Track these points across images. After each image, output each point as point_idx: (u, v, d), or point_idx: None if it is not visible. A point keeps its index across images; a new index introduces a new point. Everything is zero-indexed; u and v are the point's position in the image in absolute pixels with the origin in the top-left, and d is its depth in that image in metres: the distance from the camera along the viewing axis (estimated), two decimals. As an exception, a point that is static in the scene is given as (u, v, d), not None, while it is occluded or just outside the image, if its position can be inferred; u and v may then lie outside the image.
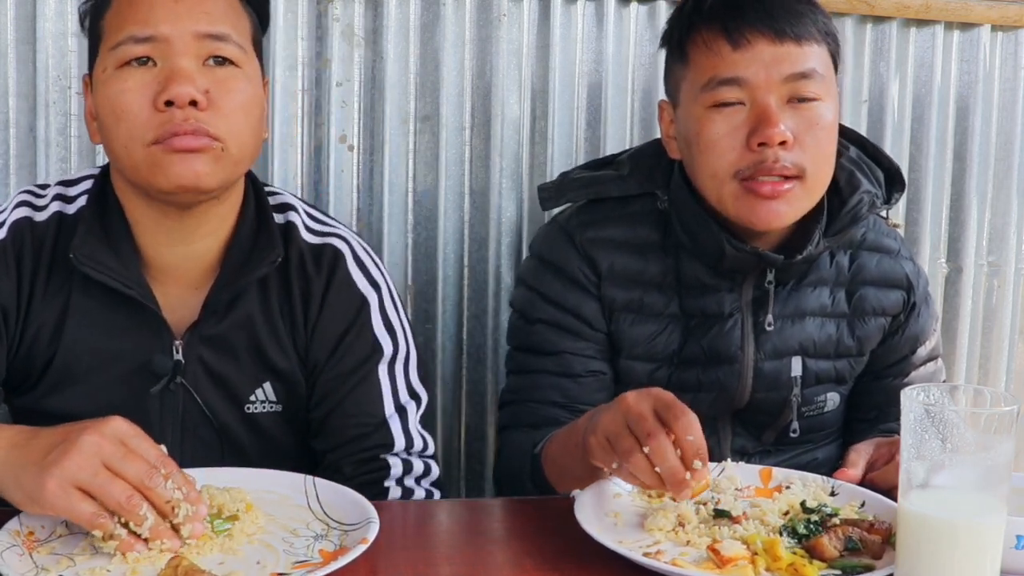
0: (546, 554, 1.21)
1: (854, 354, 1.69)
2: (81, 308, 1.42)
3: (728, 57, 1.49)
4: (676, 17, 1.61)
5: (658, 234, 1.63)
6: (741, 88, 1.49)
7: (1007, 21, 2.31)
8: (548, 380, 1.62)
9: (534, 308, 1.66)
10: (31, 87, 1.92)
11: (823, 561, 1.15)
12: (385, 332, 1.51)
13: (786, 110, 1.49)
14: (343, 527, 1.22)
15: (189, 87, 1.30)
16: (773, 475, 1.40)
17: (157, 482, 1.10)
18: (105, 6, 1.37)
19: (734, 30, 1.48)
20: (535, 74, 2.12)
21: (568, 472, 1.41)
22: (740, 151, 1.49)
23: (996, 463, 1.01)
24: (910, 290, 1.71)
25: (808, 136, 1.50)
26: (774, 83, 1.48)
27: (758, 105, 1.48)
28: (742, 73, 1.48)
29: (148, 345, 1.42)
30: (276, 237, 1.45)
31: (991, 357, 2.44)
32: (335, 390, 1.48)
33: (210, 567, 1.10)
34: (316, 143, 2.05)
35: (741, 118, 1.50)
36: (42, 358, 1.44)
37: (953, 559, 1.01)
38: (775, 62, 1.48)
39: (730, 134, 1.50)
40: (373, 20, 2.04)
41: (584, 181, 1.71)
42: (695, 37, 1.53)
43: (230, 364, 1.45)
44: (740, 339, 1.62)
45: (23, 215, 1.44)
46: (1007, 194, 2.40)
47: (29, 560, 1.12)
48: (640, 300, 1.62)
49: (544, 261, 1.67)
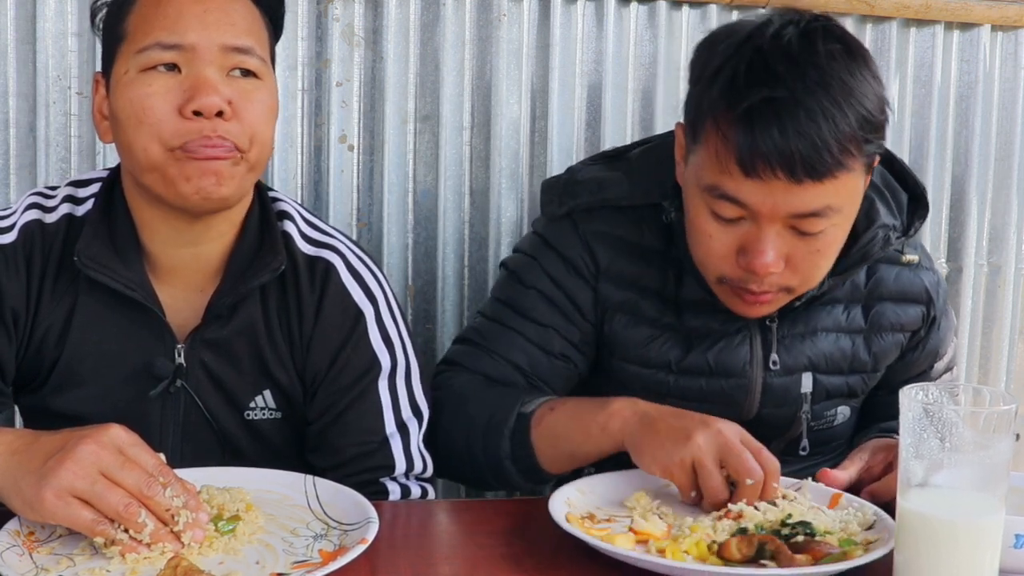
0: (546, 554, 1.21)
1: (868, 370, 1.63)
2: (86, 310, 1.42)
3: (737, 179, 1.35)
4: (696, 82, 1.43)
5: (662, 243, 1.57)
6: (744, 208, 1.37)
7: (1007, 21, 2.31)
8: (522, 344, 1.57)
9: (531, 274, 1.61)
10: (31, 87, 1.92)
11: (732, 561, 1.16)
12: (383, 345, 1.48)
13: (787, 235, 1.38)
14: (343, 527, 1.22)
15: (216, 98, 1.31)
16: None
17: (156, 490, 1.11)
18: (128, 7, 1.37)
19: (747, 159, 1.33)
20: (535, 74, 2.12)
21: (569, 444, 1.40)
22: (729, 261, 1.41)
23: (995, 462, 1.01)
24: (930, 304, 1.64)
25: (804, 261, 1.40)
26: (780, 215, 1.36)
27: (757, 230, 1.38)
28: (748, 199, 1.35)
29: (151, 348, 1.42)
30: (279, 244, 1.44)
31: (991, 357, 2.44)
32: (333, 405, 1.46)
33: (210, 567, 1.10)
34: (316, 143, 2.05)
35: (737, 230, 1.40)
36: (49, 359, 1.44)
37: (952, 558, 1.01)
38: (786, 199, 1.34)
39: (722, 240, 1.41)
40: (373, 20, 2.04)
41: (590, 186, 1.62)
42: (709, 133, 1.38)
43: (231, 369, 1.44)
44: (748, 354, 1.57)
45: (33, 217, 1.45)
46: (1007, 194, 2.40)
47: (29, 560, 1.12)
48: (635, 303, 1.57)
49: (547, 242, 1.62)
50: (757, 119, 1.31)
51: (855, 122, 1.33)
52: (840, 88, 1.32)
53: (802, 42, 1.34)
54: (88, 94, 1.93)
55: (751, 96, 1.32)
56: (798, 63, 1.33)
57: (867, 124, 1.35)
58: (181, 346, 1.42)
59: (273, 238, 1.45)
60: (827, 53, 1.34)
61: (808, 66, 1.33)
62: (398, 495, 1.45)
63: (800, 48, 1.34)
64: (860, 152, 1.35)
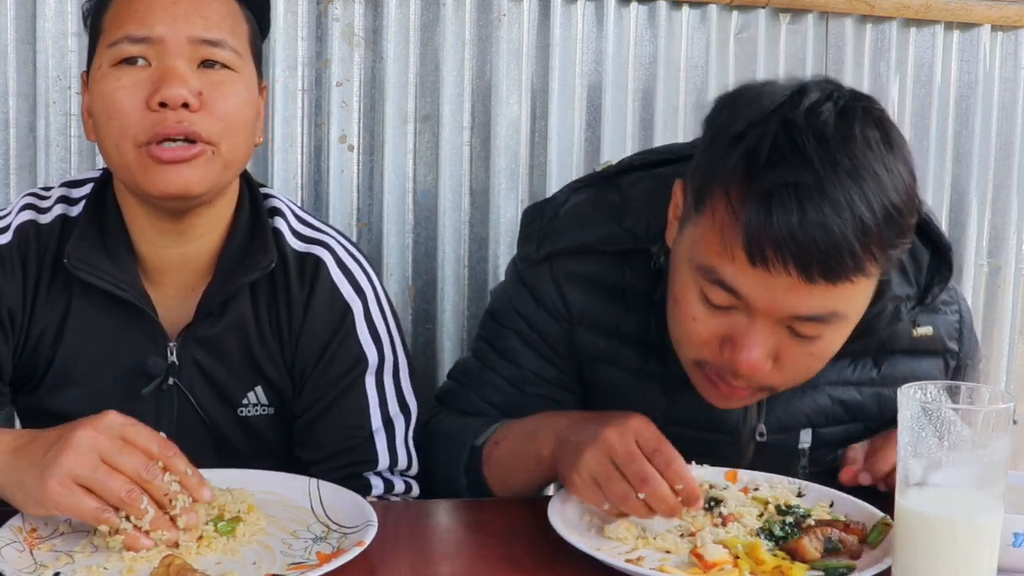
0: (545, 553, 1.21)
1: (873, 418, 1.48)
2: (80, 310, 1.43)
3: (740, 266, 1.18)
4: (710, 144, 1.25)
5: (647, 285, 1.42)
6: (740, 300, 1.21)
7: (1007, 21, 2.31)
8: (498, 382, 1.51)
9: (505, 315, 1.53)
10: (31, 87, 1.92)
11: (804, 562, 1.15)
12: (371, 341, 1.48)
13: (781, 332, 1.23)
14: (343, 530, 1.22)
15: (182, 88, 1.30)
16: (739, 477, 1.38)
17: (154, 474, 1.11)
18: (106, 5, 1.37)
19: (757, 247, 1.16)
20: (535, 74, 2.12)
21: (515, 480, 1.38)
22: (712, 347, 1.26)
23: (993, 461, 1.01)
24: (947, 353, 1.47)
25: (795, 363, 1.26)
26: (777, 314, 1.21)
27: (748, 323, 1.22)
28: (747, 292, 1.19)
29: (143, 347, 1.43)
30: (270, 241, 1.44)
31: (991, 357, 2.44)
32: (320, 399, 1.47)
33: (207, 567, 1.10)
34: (316, 143, 2.05)
35: (726, 318, 1.24)
36: (44, 359, 1.45)
37: (950, 557, 1.01)
38: (791, 298, 1.18)
39: (707, 325, 1.25)
40: (373, 20, 2.04)
41: (573, 228, 1.47)
42: (716, 206, 1.20)
43: (223, 366, 1.45)
44: (741, 412, 1.45)
45: (28, 218, 1.45)
46: (1007, 194, 2.40)
47: (29, 556, 1.12)
48: (615, 352, 1.46)
49: (521, 279, 1.52)
50: (776, 202, 1.14)
51: (883, 222, 1.16)
52: (873, 182, 1.16)
53: (839, 123, 1.18)
54: (88, 94, 1.93)
55: (774, 176, 1.15)
56: (831, 147, 1.16)
57: (895, 226, 1.18)
58: (173, 344, 1.42)
59: (264, 235, 1.44)
60: (864, 140, 1.18)
61: (841, 153, 1.16)
62: (381, 490, 1.46)
63: (836, 130, 1.17)
64: (882, 257, 1.19)
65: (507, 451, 1.38)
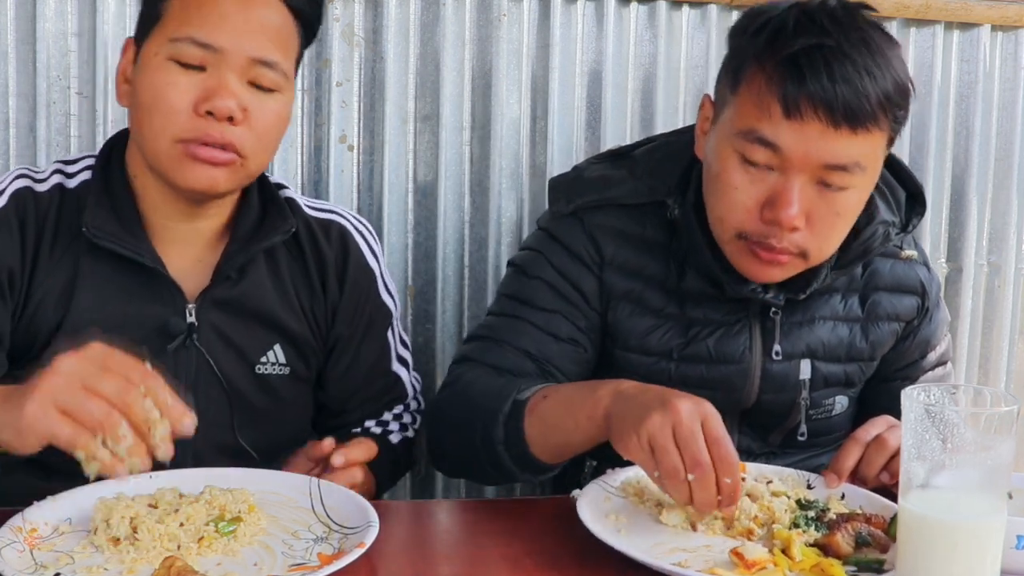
0: (546, 554, 1.21)
1: (865, 358, 1.67)
2: (92, 276, 1.45)
3: (776, 121, 1.40)
4: (741, 35, 1.49)
5: (665, 237, 1.61)
6: (776, 155, 1.41)
7: (1007, 21, 2.31)
8: (531, 331, 1.59)
9: (536, 266, 1.64)
10: (31, 87, 1.92)
11: (837, 558, 1.15)
12: (388, 297, 1.67)
13: (811, 190, 1.43)
14: (344, 530, 1.22)
15: (231, 102, 1.37)
16: (747, 469, 1.40)
17: (135, 397, 1.09)
18: None
19: (792, 99, 1.38)
20: (535, 74, 2.12)
21: (556, 435, 1.38)
22: (752, 214, 1.45)
23: (997, 463, 1.01)
24: (924, 296, 1.69)
25: (823, 222, 1.45)
26: (811, 164, 1.41)
27: (785, 180, 1.42)
28: (784, 142, 1.40)
29: (161, 309, 1.46)
30: (286, 209, 1.55)
31: (991, 357, 2.44)
32: (348, 350, 1.63)
33: (208, 568, 1.10)
34: (316, 143, 2.05)
35: (764, 182, 1.43)
36: (48, 325, 1.44)
37: (953, 559, 1.01)
38: (821, 145, 1.39)
39: (747, 192, 1.44)
40: (373, 20, 2.04)
41: (596, 185, 1.67)
42: (752, 77, 1.44)
43: (241, 327, 1.51)
44: (748, 341, 1.60)
45: (23, 185, 1.47)
46: (1007, 194, 2.40)
47: (29, 557, 1.12)
48: (640, 293, 1.61)
49: (552, 236, 1.65)
50: (805, 62, 1.38)
51: (891, 85, 1.41)
52: (879, 51, 1.41)
53: (844, 9, 1.44)
54: (88, 94, 1.93)
55: (800, 41, 1.39)
56: (842, 23, 1.41)
57: (899, 93, 1.42)
58: (192, 305, 1.47)
59: (279, 204, 1.55)
60: (866, 22, 1.44)
61: (851, 27, 1.41)
62: (408, 417, 1.69)
63: (843, 13, 1.43)
64: (891, 116, 1.43)
65: (557, 404, 1.40)
